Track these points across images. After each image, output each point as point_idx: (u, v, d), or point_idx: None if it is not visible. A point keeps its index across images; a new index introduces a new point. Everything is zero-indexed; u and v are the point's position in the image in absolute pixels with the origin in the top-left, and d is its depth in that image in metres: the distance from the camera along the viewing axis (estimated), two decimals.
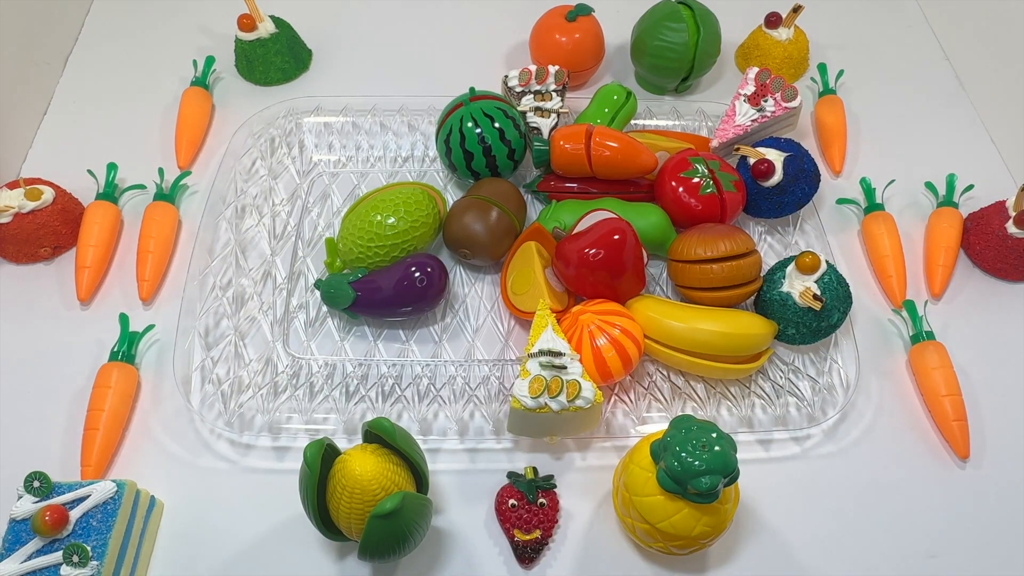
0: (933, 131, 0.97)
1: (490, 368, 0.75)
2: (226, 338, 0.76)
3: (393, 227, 0.75)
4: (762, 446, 0.74)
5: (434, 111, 0.90)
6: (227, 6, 0.96)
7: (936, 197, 0.89)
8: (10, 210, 0.78)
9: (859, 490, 0.72)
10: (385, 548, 0.59)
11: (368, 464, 0.59)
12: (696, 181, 0.79)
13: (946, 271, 0.83)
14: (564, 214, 0.81)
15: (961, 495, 0.72)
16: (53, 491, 0.62)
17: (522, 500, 0.67)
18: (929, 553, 0.69)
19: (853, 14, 1.08)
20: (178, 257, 0.83)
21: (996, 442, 0.74)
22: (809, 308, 0.72)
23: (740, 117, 0.87)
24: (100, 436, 0.70)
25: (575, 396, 0.64)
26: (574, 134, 0.80)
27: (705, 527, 0.60)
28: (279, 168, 0.89)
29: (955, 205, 0.87)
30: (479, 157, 0.81)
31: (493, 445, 0.73)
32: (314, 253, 0.83)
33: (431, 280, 0.74)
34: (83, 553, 0.58)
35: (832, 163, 0.92)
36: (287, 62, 0.97)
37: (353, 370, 0.75)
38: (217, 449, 0.72)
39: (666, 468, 0.58)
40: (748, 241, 0.74)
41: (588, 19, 0.94)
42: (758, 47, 0.98)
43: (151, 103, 0.95)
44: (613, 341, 0.69)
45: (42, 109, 0.94)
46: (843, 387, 0.76)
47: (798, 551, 0.69)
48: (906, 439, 0.75)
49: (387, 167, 0.90)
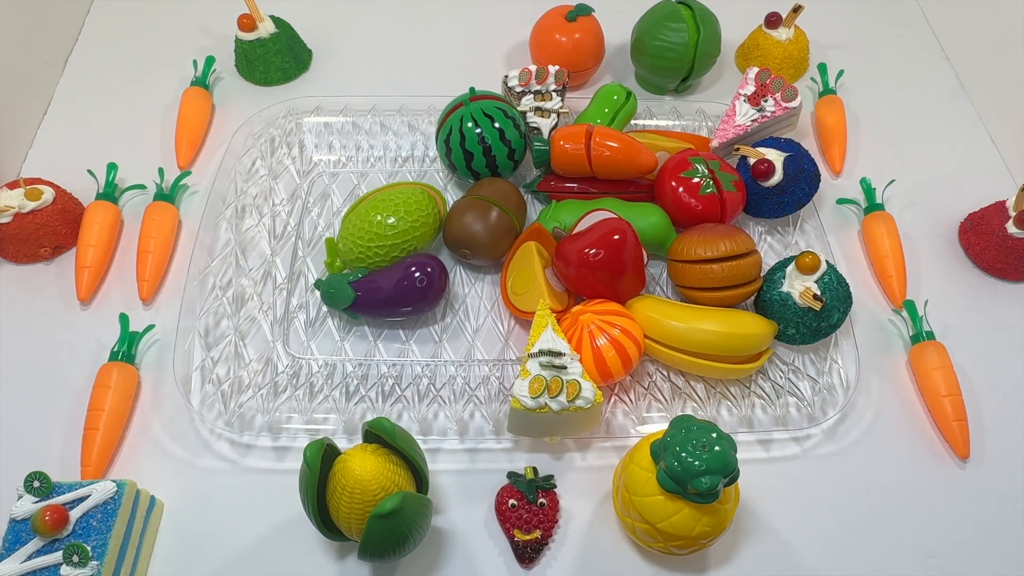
0: (933, 131, 0.97)
1: (490, 368, 0.75)
2: (226, 338, 0.76)
3: (393, 227, 0.75)
4: (762, 446, 0.74)
5: (434, 111, 0.90)
6: (227, 6, 0.96)
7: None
8: (10, 210, 0.78)
9: (859, 490, 0.72)
10: (385, 548, 0.59)
11: (368, 464, 0.59)
12: (696, 181, 0.79)
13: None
14: (564, 214, 0.81)
15: (961, 495, 0.72)
16: (53, 491, 0.62)
17: (522, 500, 0.67)
18: (929, 553, 0.69)
19: (853, 14, 1.08)
20: (178, 257, 0.83)
21: (996, 442, 0.74)
22: (809, 308, 0.72)
23: (740, 117, 0.86)
24: (100, 436, 0.70)
25: (575, 396, 0.64)
26: (574, 134, 0.80)
27: (705, 527, 0.60)
28: (279, 168, 0.89)
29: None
30: (479, 157, 0.81)
31: (493, 445, 0.73)
32: (314, 253, 0.83)
33: (431, 280, 0.74)
34: (83, 553, 0.58)
35: (832, 163, 0.92)
36: (287, 62, 0.97)
37: (353, 370, 0.75)
38: (217, 449, 0.72)
39: (666, 468, 0.58)
40: (748, 241, 0.74)
41: (588, 19, 0.94)
42: (758, 47, 0.98)
43: (151, 103, 0.95)
44: (613, 341, 0.69)
45: (42, 109, 0.94)
46: (843, 387, 0.76)
47: (798, 551, 0.69)
48: (906, 439, 0.75)
49: (387, 167, 0.90)
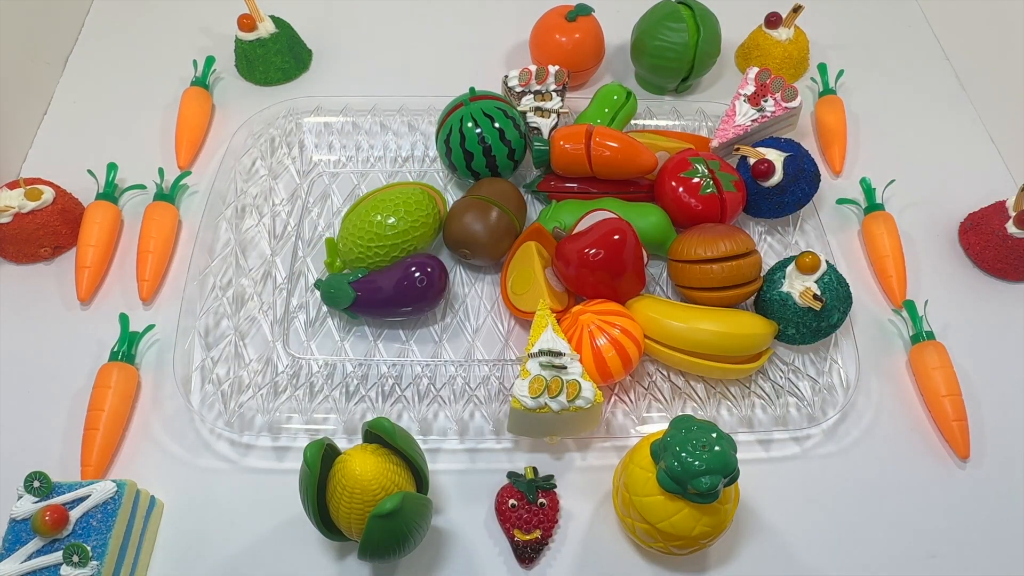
0: (933, 131, 0.97)
1: (490, 368, 0.75)
2: (226, 338, 0.76)
3: (393, 227, 0.75)
4: (762, 446, 0.74)
5: (434, 111, 0.90)
6: (227, 6, 0.96)
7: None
8: (10, 210, 0.78)
9: (859, 490, 0.72)
10: (385, 548, 0.59)
11: (368, 464, 0.59)
12: (696, 181, 0.79)
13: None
14: (564, 214, 0.81)
15: (961, 495, 0.72)
16: (53, 491, 0.62)
17: (522, 500, 0.67)
18: (929, 553, 0.69)
19: (853, 14, 1.08)
20: (178, 257, 0.83)
21: (996, 442, 0.74)
22: (809, 308, 0.71)
23: (740, 117, 0.86)
24: (100, 436, 0.70)
25: (575, 396, 0.64)
26: (574, 134, 0.80)
27: (705, 527, 0.60)
28: (279, 168, 0.89)
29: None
30: (479, 157, 0.81)
31: (493, 445, 0.73)
32: (314, 253, 0.83)
33: (431, 280, 0.74)
34: (83, 553, 0.58)
35: (832, 163, 0.92)
36: (287, 62, 0.97)
37: (353, 370, 0.75)
38: (217, 449, 0.72)
39: (666, 468, 0.58)
40: (748, 241, 0.74)
41: (588, 19, 0.94)
42: (758, 47, 0.98)
43: (151, 103, 0.95)
44: (613, 341, 0.69)
45: (42, 109, 0.94)
46: (843, 387, 0.76)
47: (798, 551, 0.69)
48: (906, 439, 0.75)
49: (387, 167, 0.90)
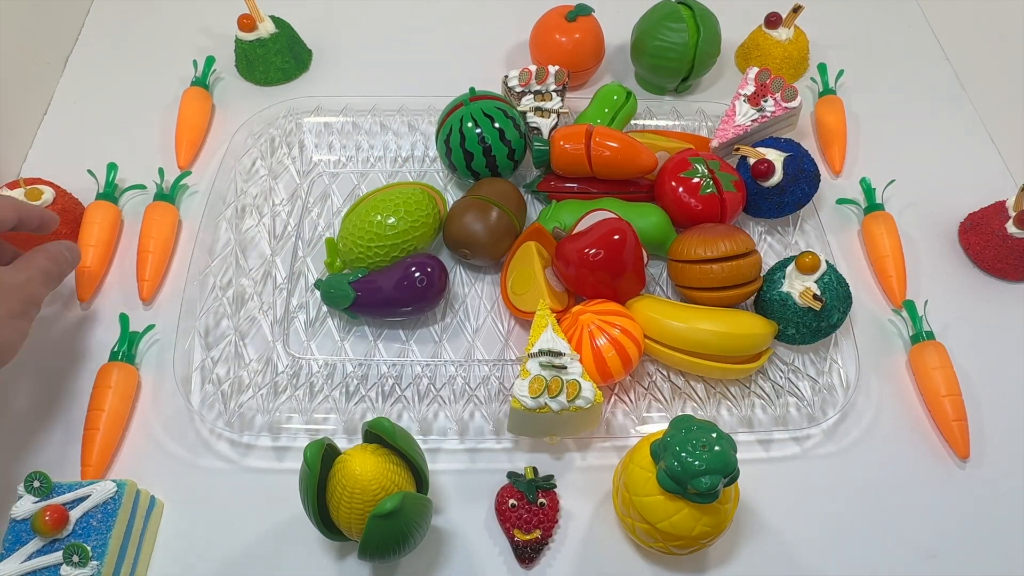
0: (933, 131, 0.97)
1: (490, 368, 0.75)
2: (226, 338, 0.76)
3: (393, 227, 0.75)
4: (762, 446, 0.74)
5: (434, 111, 0.90)
6: (227, 6, 0.96)
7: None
8: None
9: (859, 490, 0.72)
10: (385, 548, 0.59)
11: (368, 464, 0.58)
12: (696, 181, 0.79)
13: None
14: (564, 214, 0.81)
15: (961, 495, 0.72)
16: (53, 491, 0.61)
17: (522, 500, 0.67)
18: (929, 553, 0.69)
19: (853, 14, 1.08)
20: (178, 257, 0.83)
21: (996, 442, 0.74)
22: (809, 308, 0.71)
23: (740, 117, 0.86)
24: (100, 436, 0.69)
25: (575, 396, 0.64)
26: (574, 134, 0.80)
27: (705, 527, 0.60)
28: (279, 168, 0.89)
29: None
30: (479, 157, 0.81)
31: (493, 445, 0.73)
32: (314, 253, 0.83)
33: (431, 280, 0.74)
34: (83, 553, 0.58)
35: (832, 163, 0.92)
36: (287, 62, 0.97)
37: (353, 370, 0.75)
38: (217, 449, 0.72)
39: (666, 468, 0.58)
40: (748, 241, 0.74)
41: (588, 19, 0.93)
42: (758, 47, 0.98)
43: (151, 103, 0.95)
44: (613, 341, 0.69)
45: (42, 109, 0.94)
46: (843, 387, 0.76)
47: (798, 551, 0.69)
48: (906, 439, 0.75)
49: (387, 167, 0.90)
